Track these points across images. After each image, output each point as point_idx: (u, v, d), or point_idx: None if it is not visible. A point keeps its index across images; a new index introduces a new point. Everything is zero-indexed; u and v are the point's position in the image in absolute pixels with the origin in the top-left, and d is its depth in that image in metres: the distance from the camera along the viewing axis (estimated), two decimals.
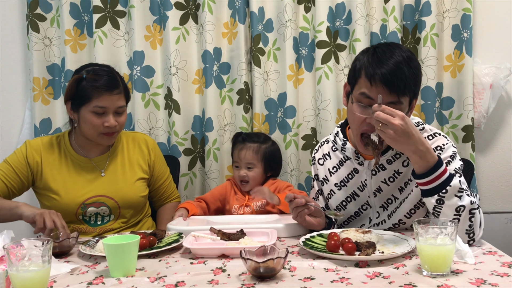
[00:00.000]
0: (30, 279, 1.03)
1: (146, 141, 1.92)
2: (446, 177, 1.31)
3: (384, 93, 1.35)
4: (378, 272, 1.14)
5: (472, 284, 1.04)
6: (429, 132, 1.52)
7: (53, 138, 1.83)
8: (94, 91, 1.68)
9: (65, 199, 1.73)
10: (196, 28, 2.34)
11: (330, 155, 1.67)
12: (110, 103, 1.69)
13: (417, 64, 1.42)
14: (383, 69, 1.35)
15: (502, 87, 2.25)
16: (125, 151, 1.87)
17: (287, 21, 2.27)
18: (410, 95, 1.40)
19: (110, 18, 2.30)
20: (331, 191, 1.66)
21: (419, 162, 1.31)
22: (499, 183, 2.40)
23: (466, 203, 1.31)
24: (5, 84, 2.41)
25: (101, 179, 1.79)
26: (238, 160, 1.97)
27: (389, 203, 1.55)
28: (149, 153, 1.90)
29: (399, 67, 1.36)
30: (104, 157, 1.82)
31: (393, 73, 1.35)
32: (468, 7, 2.21)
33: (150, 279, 1.15)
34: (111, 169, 1.82)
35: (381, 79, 1.35)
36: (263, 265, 1.10)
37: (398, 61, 1.36)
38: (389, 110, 1.28)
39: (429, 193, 1.33)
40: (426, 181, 1.32)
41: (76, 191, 1.75)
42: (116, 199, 1.78)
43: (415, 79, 1.40)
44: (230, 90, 2.33)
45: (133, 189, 1.82)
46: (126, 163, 1.85)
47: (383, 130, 1.27)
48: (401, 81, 1.35)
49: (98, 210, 1.76)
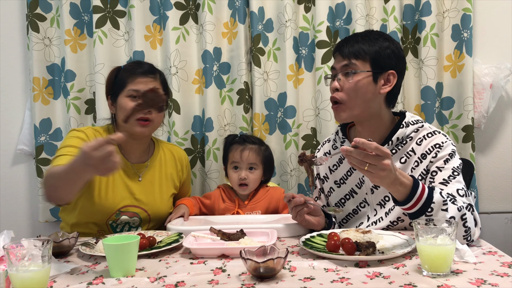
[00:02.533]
0: (30, 279, 1.03)
1: (182, 158, 1.92)
2: (427, 194, 1.27)
3: (339, 59, 1.53)
4: (378, 272, 1.14)
5: (472, 284, 1.04)
6: (428, 130, 1.53)
7: (101, 130, 1.77)
8: (130, 76, 1.70)
9: (104, 201, 1.69)
10: (196, 28, 2.34)
11: (330, 153, 1.69)
12: (143, 85, 1.68)
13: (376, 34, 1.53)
14: (341, 42, 1.55)
15: (502, 87, 2.25)
16: (163, 163, 1.85)
17: (287, 21, 2.27)
18: (367, 60, 1.49)
19: (110, 18, 2.30)
20: (330, 188, 1.68)
21: (399, 189, 1.26)
22: (499, 183, 2.40)
23: (454, 213, 1.29)
24: (5, 84, 2.41)
25: (138, 184, 1.76)
26: (239, 161, 1.90)
27: (386, 201, 1.56)
28: (182, 170, 1.90)
29: (352, 36, 1.56)
30: (143, 165, 1.80)
31: (344, 41, 1.54)
32: (468, 7, 2.21)
33: (150, 279, 1.15)
34: (149, 179, 1.79)
35: (336, 49, 1.56)
36: (263, 265, 1.10)
37: (354, 34, 1.58)
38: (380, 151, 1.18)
39: (416, 215, 1.28)
40: (410, 205, 1.27)
41: (114, 196, 1.70)
42: (149, 212, 1.76)
43: (372, 45, 1.50)
44: (230, 90, 2.33)
45: (167, 205, 1.82)
46: (163, 176, 1.83)
47: (371, 171, 1.20)
48: (351, 46, 1.50)
49: (130, 220, 1.74)
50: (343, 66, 1.51)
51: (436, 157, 1.48)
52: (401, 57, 1.55)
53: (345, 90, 1.51)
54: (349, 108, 1.52)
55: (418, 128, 1.54)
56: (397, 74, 1.52)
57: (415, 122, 1.55)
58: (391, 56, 1.51)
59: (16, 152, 2.43)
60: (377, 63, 1.50)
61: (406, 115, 1.57)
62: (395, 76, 1.52)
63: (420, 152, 1.50)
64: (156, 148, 1.86)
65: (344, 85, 1.51)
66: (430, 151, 1.49)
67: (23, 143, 2.39)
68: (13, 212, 2.44)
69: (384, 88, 1.51)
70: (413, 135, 1.53)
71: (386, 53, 1.51)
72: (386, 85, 1.52)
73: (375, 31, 1.59)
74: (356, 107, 1.51)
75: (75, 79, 2.31)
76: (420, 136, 1.53)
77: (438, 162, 1.47)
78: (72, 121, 2.30)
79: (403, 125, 1.53)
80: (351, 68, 1.50)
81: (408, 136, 1.53)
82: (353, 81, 1.49)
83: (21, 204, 2.43)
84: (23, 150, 2.40)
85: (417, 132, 1.53)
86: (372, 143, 1.17)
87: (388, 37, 1.55)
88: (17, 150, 2.41)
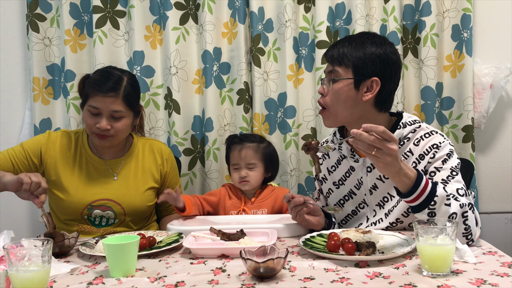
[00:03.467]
0: (30, 279, 1.03)
1: (162, 150, 1.90)
2: (430, 188, 1.28)
3: (327, 65, 1.55)
4: (378, 272, 1.14)
5: (472, 284, 1.04)
6: (425, 130, 1.52)
7: (72, 133, 1.83)
8: (90, 90, 1.68)
9: (73, 197, 1.73)
10: (196, 28, 2.34)
11: (328, 155, 1.68)
12: (102, 105, 1.66)
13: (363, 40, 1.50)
14: (331, 47, 1.56)
15: (502, 87, 2.25)
16: (140, 157, 1.85)
17: (287, 21, 2.27)
18: (350, 67, 1.48)
19: (110, 18, 2.30)
20: (329, 189, 1.68)
21: (403, 180, 1.26)
22: (499, 183, 2.40)
23: (456, 209, 1.30)
24: (5, 84, 2.41)
25: (113, 183, 1.78)
26: (238, 161, 1.89)
27: (385, 201, 1.56)
28: (162, 163, 1.88)
29: (342, 40, 1.55)
30: (119, 161, 1.81)
31: (333, 45, 1.55)
32: (468, 7, 2.21)
33: (150, 279, 1.15)
34: (124, 174, 1.81)
35: (326, 55, 1.56)
36: (263, 265, 1.10)
37: (346, 37, 1.56)
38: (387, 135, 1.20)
39: (419, 208, 1.29)
40: (414, 197, 1.28)
41: (85, 192, 1.74)
42: (123, 205, 1.77)
43: (356, 52, 1.48)
44: (230, 90, 2.33)
45: (142, 198, 1.81)
46: (139, 170, 1.83)
47: (378, 155, 1.21)
48: (336, 51, 1.51)
49: (104, 214, 1.76)
50: (328, 72, 1.54)
51: (434, 158, 1.47)
52: (389, 63, 1.49)
53: (328, 95, 1.53)
54: (332, 115, 1.54)
55: (415, 129, 1.53)
56: (382, 80, 1.48)
57: (412, 122, 1.54)
58: (375, 62, 1.48)
59: None
60: (359, 70, 1.48)
61: (403, 116, 1.56)
62: (378, 84, 1.48)
63: (418, 153, 1.50)
64: (133, 145, 1.86)
65: (327, 91, 1.53)
66: (428, 152, 1.48)
67: None
68: (13, 212, 2.44)
69: (366, 95, 1.49)
70: (410, 135, 1.52)
71: (370, 59, 1.48)
72: (369, 92, 1.50)
73: (367, 33, 1.56)
74: (338, 113, 1.52)
75: (75, 79, 2.30)
76: (418, 136, 1.52)
77: (436, 163, 1.46)
78: (72, 121, 2.30)
79: (400, 126, 1.53)
80: (334, 75, 1.51)
81: (406, 137, 1.52)
82: (335, 88, 1.50)
83: (21, 204, 2.43)
84: None
85: (415, 132, 1.52)
86: (380, 127, 1.20)
87: (378, 41, 1.51)
88: None
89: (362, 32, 1.63)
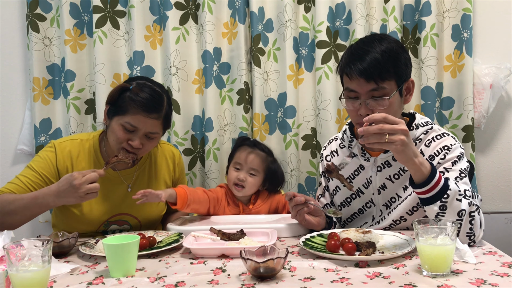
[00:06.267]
0: (30, 279, 1.03)
1: (173, 155, 1.86)
2: (443, 181, 1.30)
3: (363, 83, 1.41)
4: (378, 272, 1.14)
5: (472, 284, 1.04)
6: (437, 132, 1.53)
7: (83, 142, 1.71)
8: (132, 107, 1.56)
9: (90, 214, 1.67)
10: (196, 28, 2.34)
11: (337, 152, 1.69)
12: (143, 125, 1.57)
13: (391, 46, 1.44)
14: (356, 62, 1.42)
15: (502, 87, 2.25)
16: (153, 165, 1.80)
17: (287, 21, 2.27)
18: (393, 78, 1.42)
19: (110, 18, 2.30)
20: (336, 187, 1.67)
21: (419, 170, 1.28)
22: (499, 183, 2.40)
23: (466, 206, 1.31)
24: (5, 84, 2.41)
25: (127, 195, 1.72)
26: (243, 162, 1.87)
27: (392, 202, 1.56)
28: (174, 169, 1.85)
29: (372, 56, 1.41)
30: (132, 171, 1.75)
31: (359, 59, 1.41)
32: (468, 7, 2.21)
33: (150, 279, 1.15)
34: (138, 185, 1.74)
35: (356, 72, 1.41)
36: (263, 265, 1.10)
37: (369, 51, 1.42)
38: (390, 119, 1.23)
39: (431, 200, 1.30)
40: (427, 188, 1.29)
41: (102, 208, 1.68)
42: (139, 218, 1.75)
43: (394, 62, 1.42)
44: (230, 90, 2.33)
45: (157, 209, 1.80)
46: (153, 179, 1.79)
47: (392, 139, 1.22)
48: (374, 68, 1.40)
49: (120, 228, 1.74)
50: (370, 90, 1.42)
51: (445, 159, 1.47)
52: (409, 58, 1.50)
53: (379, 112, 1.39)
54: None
55: (427, 130, 1.53)
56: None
57: (424, 124, 1.54)
58: (407, 63, 1.48)
59: (16, 152, 2.43)
60: (400, 77, 1.45)
61: (416, 117, 1.56)
62: (413, 83, 1.51)
63: (428, 153, 1.50)
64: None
65: (375, 110, 1.42)
66: (438, 153, 1.49)
67: (23, 143, 2.39)
68: None
69: (407, 98, 1.51)
70: (422, 137, 1.52)
71: (403, 63, 1.46)
72: (408, 94, 1.51)
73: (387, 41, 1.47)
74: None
75: (75, 79, 2.31)
76: (429, 138, 1.52)
77: (446, 164, 1.47)
78: (72, 121, 2.30)
79: (413, 127, 1.53)
80: (382, 92, 1.42)
81: (418, 138, 1.52)
82: (387, 105, 1.42)
83: None
84: (23, 150, 2.40)
85: (426, 134, 1.53)
86: (379, 114, 1.23)
87: (394, 40, 1.49)
88: (17, 150, 2.41)
89: (372, 36, 1.53)
